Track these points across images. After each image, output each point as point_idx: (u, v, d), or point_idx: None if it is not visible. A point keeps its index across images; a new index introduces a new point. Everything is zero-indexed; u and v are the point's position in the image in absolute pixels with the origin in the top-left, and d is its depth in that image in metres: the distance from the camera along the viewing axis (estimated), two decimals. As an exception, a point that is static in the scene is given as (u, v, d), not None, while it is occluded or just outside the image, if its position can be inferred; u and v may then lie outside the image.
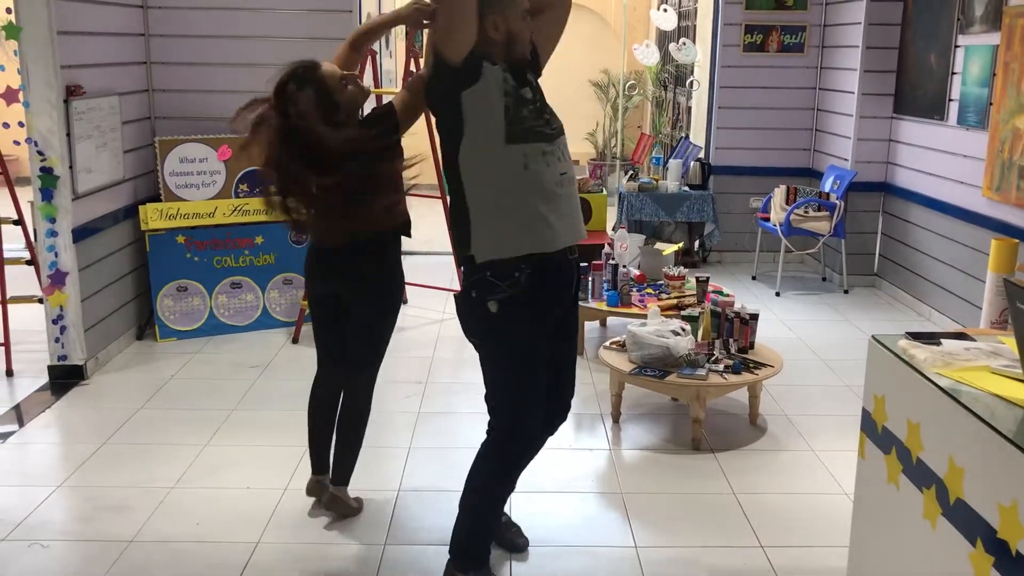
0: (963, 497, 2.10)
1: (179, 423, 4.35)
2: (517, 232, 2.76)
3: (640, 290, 5.42)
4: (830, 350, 5.51)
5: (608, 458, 4.09)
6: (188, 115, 5.81)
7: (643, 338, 4.25)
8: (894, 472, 2.46)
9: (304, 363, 5.21)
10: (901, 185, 6.61)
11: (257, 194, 5.76)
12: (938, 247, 6.05)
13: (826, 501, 3.68)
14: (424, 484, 3.77)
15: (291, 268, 5.83)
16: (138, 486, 3.73)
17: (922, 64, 6.28)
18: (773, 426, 4.39)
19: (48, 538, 3.33)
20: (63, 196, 4.72)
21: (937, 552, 2.23)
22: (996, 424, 2.02)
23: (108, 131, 5.14)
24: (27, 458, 4.07)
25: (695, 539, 3.37)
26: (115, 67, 5.37)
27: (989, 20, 5.43)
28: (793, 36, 7.32)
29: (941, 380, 2.27)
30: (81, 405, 4.61)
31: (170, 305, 5.56)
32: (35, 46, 4.54)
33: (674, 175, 7.43)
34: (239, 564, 3.19)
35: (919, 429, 2.33)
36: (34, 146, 4.65)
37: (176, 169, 5.62)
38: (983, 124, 5.43)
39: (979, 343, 2.50)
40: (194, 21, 5.74)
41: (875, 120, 6.77)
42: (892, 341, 2.55)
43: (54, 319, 4.81)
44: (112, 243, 5.28)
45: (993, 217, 5.32)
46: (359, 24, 5.83)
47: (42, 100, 4.60)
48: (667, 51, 8.79)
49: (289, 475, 3.83)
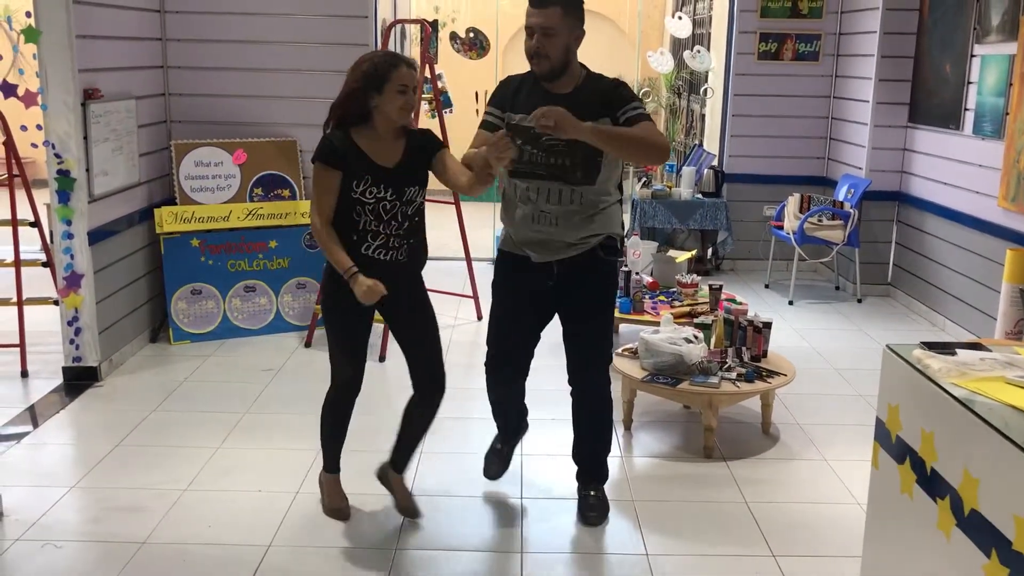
0: (978, 508, 2.09)
1: (192, 426, 4.37)
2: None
3: (653, 297, 5.41)
4: (843, 359, 5.49)
5: (620, 465, 4.08)
6: (204, 119, 5.84)
7: (656, 345, 4.25)
8: (908, 482, 2.45)
9: (317, 367, 5.23)
10: (916, 194, 6.59)
11: (272, 198, 5.80)
12: (953, 257, 6.02)
13: (839, 511, 3.66)
14: (435, 489, 3.77)
15: (305, 272, 5.85)
16: (151, 488, 3.74)
17: (938, 73, 6.25)
18: (785, 435, 4.38)
19: (61, 538, 3.35)
20: (79, 199, 4.75)
21: (951, 563, 2.22)
22: (1011, 435, 2.01)
23: (124, 134, 5.17)
24: (41, 459, 4.09)
25: (707, 547, 3.36)
26: (132, 71, 5.41)
27: (1006, 29, 5.41)
28: (808, 44, 7.31)
29: (956, 390, 2.26)
30: (95, 407, 4.63)
31: (184, 308, 5.59)
32: (54, 50, 4.58)
33: (687, 182, 7.42)
34: (251, 567, 3.19)
35: (933, 439, 2.32)
36: (51, 149, 4.68)
37: (191, 172, 5.65)
38: (999, 134, 5.40)
39: (994, 353, 2.49)
40: (211, 25, 5.78)
41: (890, 129, 6.75)
42: (907, 351, 2.54)
43: (69, 321, 4.84)
44: (127, 246, 5.31)
45: (1008, 227, 5.30)
46: (373, 29, 5.87)
47: (60, 103, 4.64)
48: (681, 59, 8.78)
49: (301, 478, 3.83)
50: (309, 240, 5.84)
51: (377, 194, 3.16)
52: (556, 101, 3.05)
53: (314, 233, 3.22)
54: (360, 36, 5.82)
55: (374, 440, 3.93)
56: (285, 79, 5.86)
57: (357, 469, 3.69)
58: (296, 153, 5.87)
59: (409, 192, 3.21)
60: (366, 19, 5.82)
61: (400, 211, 3.21)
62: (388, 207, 3.18)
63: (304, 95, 5.86)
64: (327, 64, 5.81)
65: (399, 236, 3.22)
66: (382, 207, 3.17)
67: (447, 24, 9.38)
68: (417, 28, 6.98)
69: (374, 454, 3.70)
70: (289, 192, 5.85)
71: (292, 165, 5.86)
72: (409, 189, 3.21)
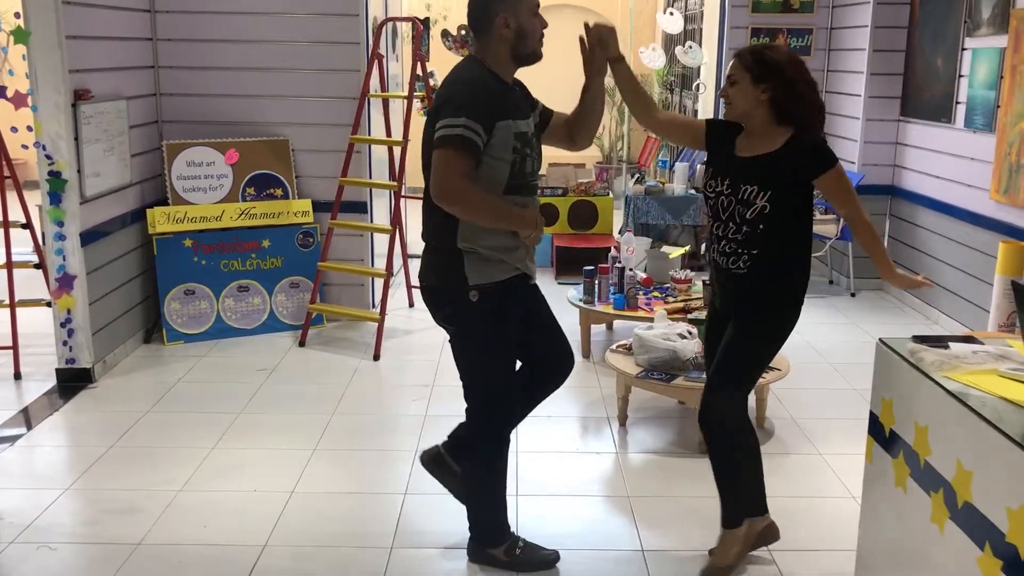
0: (971, 501, 2.10)
1: (186, 426, 4.36)
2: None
3: (647, 293, 5.41)
4: (837, 353, 5.50)
5: (615, 462, 4.08)
6: (195, 119, 5.83)
7: (650, 341, 4.25)
8: (902, 476, 2.46)
9: (311, 366, 5.23)
10: (908, 188, 6.60)
11: (264, 198, 5.78)
12: (945, 250, 6.03)
13: (833, 505, 3.67)
14: (430, 488, 3.75)
15: (298, 271, 5.84)
16: (145, 489, 3.73)
17: (929, 67, 6.26)
18: (780, 430, 4.38)
19: (56, 541, 3.34)
20: (71, 200, 4.74)
21: (945, 556, 2.22)
22: (1004, 428, 2.01)
23: (116, 135, 5.16)
24: (35, 461, 4.08)
25: (702, 543, 3.36)
26: (123, 71, 5.39)
27: (996, 23, 5.41)
28: (800, 39, 7.31)
29: (949, 383, 2.27)
30: (89, 408, 4.62)
31: (177, 308, 5.58)
32: (44, 51, 4.56)
33: (680, 178, 7.42)
34: (246, 567, 3.19)
35: (927, 432, 2.32)
36: (42, 150, 4.66)
37: (183, 173, 5.63)
38: (991, 127, 5.41)
39: (987, 346, 2.49)
40: (201, 25, 5.76)
41: (882, 123, 6.76)
42: (900, 344, 2.55)
43: (62, 322, 4.83)
44: (120, 247, 5.30)
45: (1001, 220, 5.31)
46: (364, 27, 5.85)
47: (50, 104, 4.62)
48: (673, 54, 8.78)
49: (296, 478, 3.83)
50: (302, 239, 5.84)
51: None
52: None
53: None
54: (351, 34, 5.80)
55: (370, 439, 3.94)
56: (276, 78, 5.84)
57: (353, 468, 3.69)
58: (288, 152, 5.86)
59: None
60: (357, 17, 5.80)
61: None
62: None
63: (295, 94, 5.85)
64: (317, 63, 5.80)
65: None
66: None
67: (439, 21, 9.36)
68: (409, 26, 6.96)
69: (370, 452, 3.69)
70: (282, 191, 5.84)
71: (284, 164, 5.85)
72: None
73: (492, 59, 2.88)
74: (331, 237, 5.72)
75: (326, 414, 4.51)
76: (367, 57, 5.79)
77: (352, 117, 5.71)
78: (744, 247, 2.97)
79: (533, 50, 2.88)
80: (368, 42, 5.86)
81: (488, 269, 2.90)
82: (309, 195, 5.92)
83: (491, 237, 2.88)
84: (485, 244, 2.88)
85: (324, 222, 5.79)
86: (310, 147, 5.91)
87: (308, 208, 5.87)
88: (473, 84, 2.83)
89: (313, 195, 5.92)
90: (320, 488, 3.75)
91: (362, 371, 5.16)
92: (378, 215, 6.43)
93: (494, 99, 2.83)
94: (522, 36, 2.85)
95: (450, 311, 2.99)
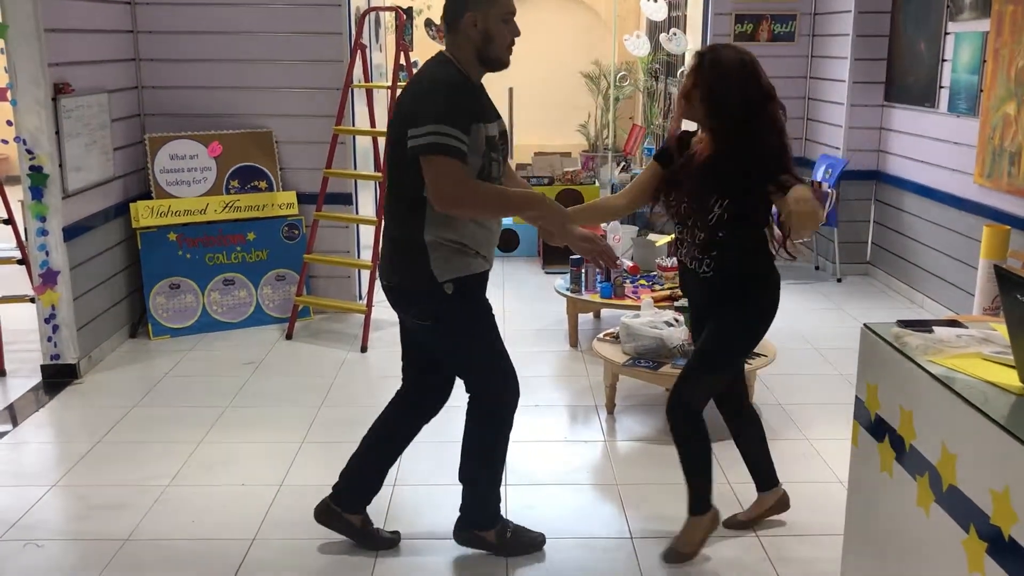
0: (956, 484, 2.11)
1: (173, 421, 4.35)
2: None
3: (633, 281, 5.42)
4: (823, 339, 5.52)
5: (603, 449, 4.09)
6: (178, 112, 5.78)
7: (637, 330, 4.26)
8: (887, 460, 2.47)
9: (298, 359, 5.21)
10: (893, 173, 6.62)
11: (249, 190, 5.76)
12: (930, 234, 6.05)
13: (820, 489, 3.69)
14: (419, 479, 3.77)
15: (283, 264, 5.82)
16: (133, 484, 3.72)
17: (912, 51, 6.27)
18: (767, 415, 4.39)
19: (43, 538, 3.32)
20: (53, 194, 4.70)
21: (931, 539, 2.24)
22: (988, 411, 2.02)
23: (97, 129, 5.12)
24: (21, 458, 4.06)
25: (691, 529, 3.37)
26: (104, 64, 5.35)
27: (979, 6, 5.42)
28: (783, 25, 7.31)
29: (933, 368, 2.28)
30: (75, 404, 4.60)
31: (163, 303, 5.55)
32: (22, 44, 4.52)
33: (666, 166, 7.41)
34: (235, 561, 3.18)
35: (912, 417, 2.33)
36: (23, 144, 4.63)
37: (167, 166, 5.60)
38: (974, 111, 5.43)
39: (971, 330, 2.50)
40: (182, 17, 5.71)
41: (866, 108, 6.77)
42: (884, 329, 2.56)
43: (46, 318, 4.80)
44: (103, 241, 5.26)
45: (985, 204, 5.33)
46: (347, 17, 5.82)
47: (30, 98, 4.58)
48: (658, 42, 8.77)
49: (284, 471, 3.82)
50: (287, 231, 5.81)
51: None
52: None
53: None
54: (333, 24, 5.77)
55: (359, 431, 3.90)
56: (258, 69, 5.81)
57: (342, 460, 3.67)
58: (272, 144, 5.83)
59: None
60: (339, 7, 5.76)
61: None
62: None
63: (278, 85, 5.81)
64: (300, 53, 5.77)
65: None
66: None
67: (422, 11, 9.31)
68: (392, 15, 6.93)
69: (358, 444, 3.68)
70: (266, 183, 5.81)
71: (268, 156, 5.82)
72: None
73: (461, 57, 2.88)
74: (316, 229, 5.70)
75: (314, 406, 4.50)
76: (350, 47, 5.76)
77: (336, 108, 5.69)
78: (705, 251, 3.05)
79: (498, 56, 2.87)
80: (351, 32, 5.83)
81: (457, 262, 2.89)
82: (294, 187, 5.90)
83: (458, 229, 2.87)
84: (448, 237, 2.86)
85: (309, 214, 5.76)
86: (294, 139, 5.88)
87: (293, 200, 5.85)
88: (449, 87, 2.81)
89: (298, 187, 5.90)
90: (309, 481, 3.74)
91: (350, 363, 5.15)
92: (363, 206, 6.41)
93: (467, 102, 2.83)
94: (488, 39, 2.83)
95: (423, 308, 2.98)
